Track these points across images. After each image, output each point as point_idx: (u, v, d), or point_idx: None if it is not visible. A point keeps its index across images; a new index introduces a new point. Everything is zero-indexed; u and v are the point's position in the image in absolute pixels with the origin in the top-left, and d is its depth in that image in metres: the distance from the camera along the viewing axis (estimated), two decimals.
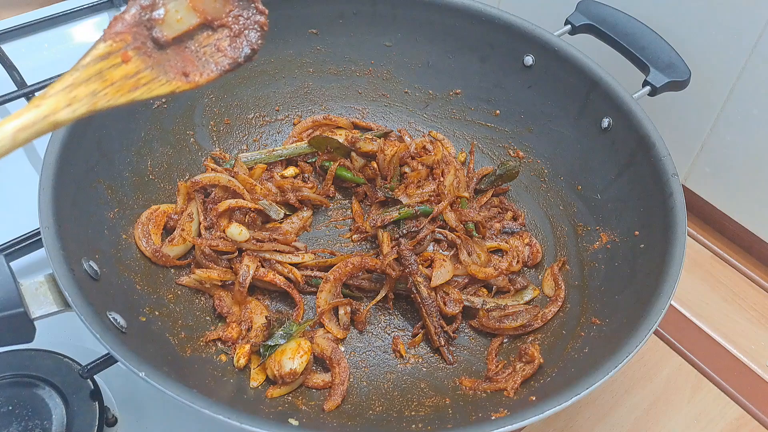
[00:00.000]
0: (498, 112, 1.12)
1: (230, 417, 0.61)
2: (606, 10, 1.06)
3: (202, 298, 0.91)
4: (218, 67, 0.57)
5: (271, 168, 1.05)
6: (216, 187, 0.95)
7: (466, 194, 1.02)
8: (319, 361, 0.86)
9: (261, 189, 0.97)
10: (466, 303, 0.91)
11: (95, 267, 0.77)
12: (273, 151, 1.06)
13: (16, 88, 1.10)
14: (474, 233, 0.97)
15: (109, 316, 0.71)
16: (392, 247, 0.92)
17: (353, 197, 1.06)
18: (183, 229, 0.92)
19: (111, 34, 0.53)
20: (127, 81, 0.52)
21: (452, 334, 0.90)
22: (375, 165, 1.05)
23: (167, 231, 0.95)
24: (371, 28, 1.13)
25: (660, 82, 0.98)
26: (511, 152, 1.11)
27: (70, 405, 0.80)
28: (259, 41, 0.60)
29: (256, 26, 0.60)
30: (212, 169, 0.99)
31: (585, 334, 0.85)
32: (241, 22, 0.59)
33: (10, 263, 0.69)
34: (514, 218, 1.05)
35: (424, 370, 0.88)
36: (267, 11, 0.61)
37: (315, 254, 0.95)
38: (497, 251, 1.00)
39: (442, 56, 1.13)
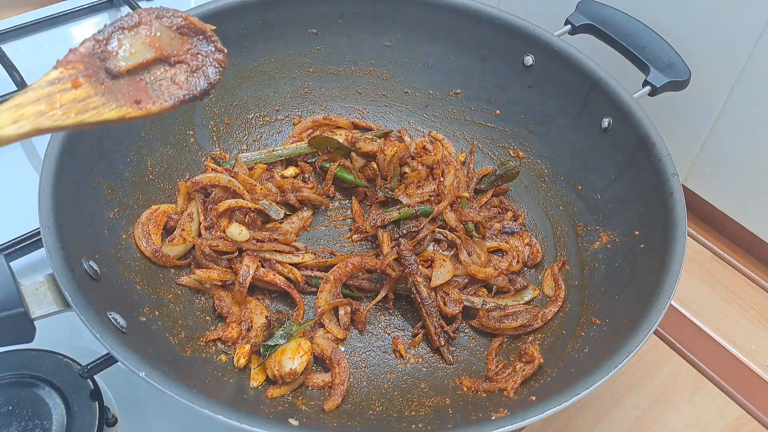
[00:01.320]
0: (498, 112, 1.12)
1: (230, 417, 0.61)
2: (606, 10, 1.06)
3: (202, 298, 0.91)
4: (173, 98, 0.60)
5: (271, 168, 1.05)
6: (216, 187, 0.95)
7: (466, 194, 1.02)
8: (319, 361, 0.86)
9: (261, 189, 0.97)
10: (466, 303, 0.91)
11: (95, 267, 0.77)
12: (273, 151, 1.06)
13: (16, 88, 1.10)
14: (474, 233, 0.97)
15: (109, 316, 0.71)
16: (392, 247, 0.92)
17: (353, 197, 1.06)
18: (183, 229, 0.92)
19: (63, 62, 0.56)
20: (75, 104, 0.54)
21: (452, 334, 0.90)
22: (375, 165, 1.05)
23: (167, 231, 0.95)
24: (371, 28, 1.13)
25: (660, 82, 0.98)
26: (511, 152, 1.11)
27: (70, 405, 0.80)
28: (217, 77, 0.62)
29: (214, 63, 0.62)
30: (212, 169, 0.99)
31: (585, 334, 0.85)
32: (199, 59, 0.62)
33: (10, 263, 0.68)
34: (514, 218, 1.05)
35: (424, 370, 0.88)
36: (226, 50, 0.62)
37: (315, 254, 0.95)
38: (497, 251, 1.00)
39: (442, 56, 1.13)
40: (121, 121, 0.57)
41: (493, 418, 0.69)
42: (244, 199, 0.94)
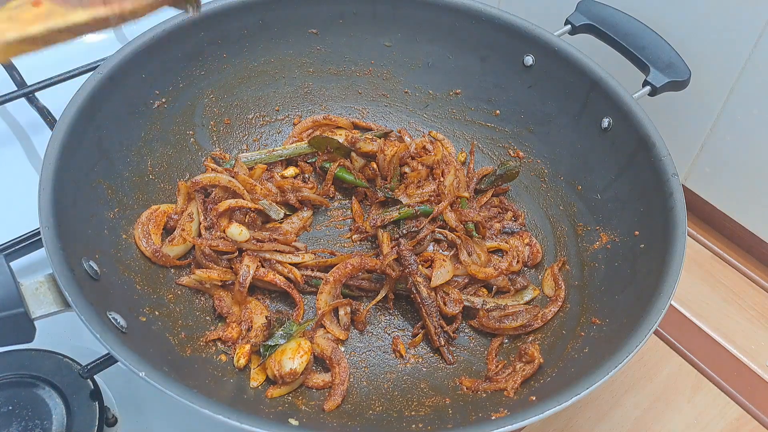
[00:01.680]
0: (498, 112, 1.12)
1: (230, 417, 0.61)
2: (606, 10, 1.06)
3: (202, 298, 0.91)
4: None
5: (271, 168, 1.05)
6: (216, 187, 0.95)
7: (466, 194, 1.02)
8: (319, 361, 0.86)
9: (261, 189, 0.97)
10: (466, 303, 0.91)
11: (95, 267, 0.77)
12: (273, 151, 1.06)
13: (16, 88, 1.10)
14: (474, 233, 0.97)
15: (109, 316, 0.71)
16: (392, 247, 0.92)
17: (353, 197, 1.06)
18: (183, 229, 0.92)
19: None
20: (39, 17, 0.54)
21: (452, 334, 0.90)
22: (375, 165, 1.05)
23: (167, 231, 0.95)
24: (371, 28, 1.13)
25: (660, 82, 0.98)
26: (511, 152, 1.11)
27: (70, 405, 0.80)
28: None
29: None
30: (212, 169, 0.99)
31: (585, 334, 0.85)
32: None
33: (10, 263, 0.69)
34: (514, 218, 1.05)
35: (424, 370, 0.88)
36: None
37: (315, 254, 0.95)
38: (497, 251, 1.00)
39: (442, 56, 1.13)
40: (95, 25, 0.54)
41: (493, 418, 0.69)
42: (244, 199, 0.94)
